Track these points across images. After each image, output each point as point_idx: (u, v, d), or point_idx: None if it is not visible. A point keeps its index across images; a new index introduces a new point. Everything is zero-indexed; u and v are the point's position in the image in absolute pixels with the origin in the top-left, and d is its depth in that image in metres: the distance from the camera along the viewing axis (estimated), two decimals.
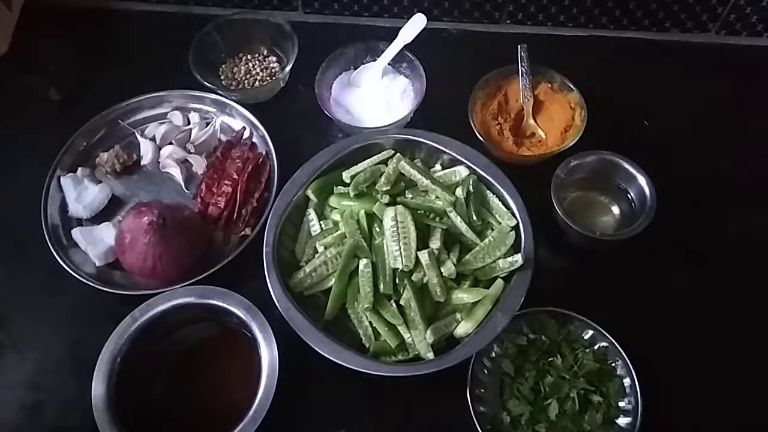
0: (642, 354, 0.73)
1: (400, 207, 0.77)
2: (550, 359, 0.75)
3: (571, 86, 0.90)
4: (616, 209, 0.85)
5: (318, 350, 0.70)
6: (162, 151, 0.93)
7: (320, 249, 0.79)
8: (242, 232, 0.85)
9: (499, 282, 0.75)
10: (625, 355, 0.74)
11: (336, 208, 0.81)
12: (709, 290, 0.82)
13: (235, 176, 0.88)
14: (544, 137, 0.91)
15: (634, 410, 0.71)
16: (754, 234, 0.86)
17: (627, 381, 0.73)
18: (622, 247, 0.81)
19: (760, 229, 0.86)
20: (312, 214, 0.82)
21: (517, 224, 0.78)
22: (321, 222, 0.81)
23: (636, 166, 0.81)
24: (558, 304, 0.77)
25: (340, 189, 0.82)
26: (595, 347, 0.76)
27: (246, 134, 0.94)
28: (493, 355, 0.76)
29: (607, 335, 0.75)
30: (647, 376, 0.72)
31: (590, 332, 0.76)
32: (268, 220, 0.79)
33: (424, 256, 0.74)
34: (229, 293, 0.74)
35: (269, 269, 0.75)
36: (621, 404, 0.73)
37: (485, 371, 0.76)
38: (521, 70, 0.91)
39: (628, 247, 0.80)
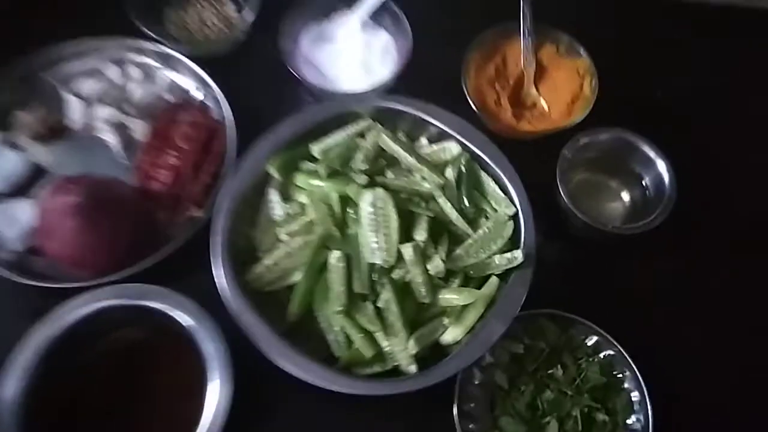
0: (653, 364, 0.65)
1: (379, 190, 0.65)
2: (549, 371, 0.66)
3: (580, 50, 0.78)
4: (626, 196, 0.76)
5: (278, 364, 0.59)
6: (95, 113, 0.79)
7: (284, 238, 0.68)
8: (191, 213, 0.73)
9: (494, 280, 0.65)
10: (634, 366, 0.65)
11: (303, 189, 0.70)
12: (733, 294, 0.73)
13: (183, 145, 0.76)
14: (546, 109, 0.79)
15: (643, 429, 0.64)
16: None
17: (636, 395, 0.65)
18: (633, 239, 0.71)
19: None
20: (274, 195, 0.70)
21: (516, 213, 0.67)
22: (285, 205, 0.70)
23: (655, 149, 0.71)
24: (559, 304, 0.68)
25: (309, 166, 0.70)
26: (601, 356, 0.67)
27: (197, 95, 0.81)
28: (485, 364, 0.67)
29: (614, 342, 0.67)
30: (659, 391, 0.64)
31: (595, 338, 0.68)
32: (220, 200, 0.67)
33: (407, 250, 0.63)
34: (170, 294, 0.62)
35: (219, 262, 0.64)
36: (629, 422, 0.65)
37: (475, 382, 0.66)
38: (523, 30, 0.79)
39: (641, 240, 0.70)
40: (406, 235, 0.65)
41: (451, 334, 0.64)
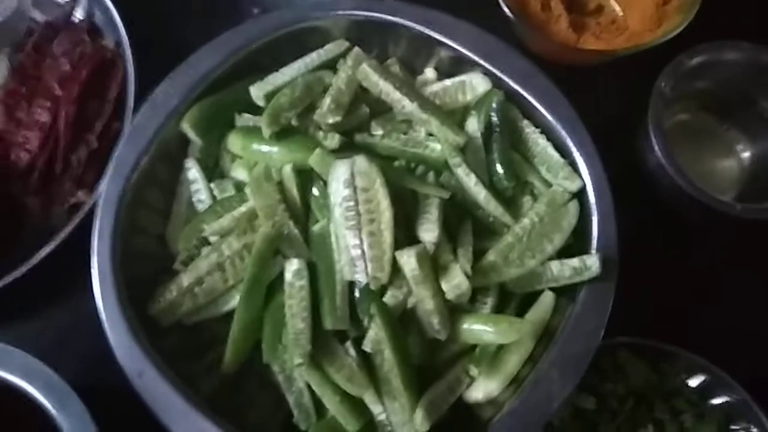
0: None
1: (360, 158, 0.40)
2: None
3: None
4: (745, 151, 0.51)
5: None
6: None
7: (211, 238, 0.44)
8: (73, 199, 0.51)
9: (547, 299, 0.42)
10: (765, 420, 0.43)
11: (240, 157, 0.46)
12: None
13: (59, 91, 0.53)
14: (620, 14, 0.52)
15: None
16: None
17: None
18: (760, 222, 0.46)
19: None
20: (194, 170, 0.46)
21: (584, 188, 0.43)
22: (212, 185, 0.46)
23: None
24: (645, 327, 0.45)
25: (247, 119, 0.47)
26: (713, 403, 0.45)
27: (79, 12, 0.57)
28: None
29: (734, 382, 0.45)
30: None
31: (702, 377, 0.46)
32: (107, 180, 0.43)
33: (409, 258, 0.39)
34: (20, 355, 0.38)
35: (104, 283, 0.41)
36: None
37: None
38: None
39: None
40: (406, 233, 0.41)
41: (481, 389, 0.41)
